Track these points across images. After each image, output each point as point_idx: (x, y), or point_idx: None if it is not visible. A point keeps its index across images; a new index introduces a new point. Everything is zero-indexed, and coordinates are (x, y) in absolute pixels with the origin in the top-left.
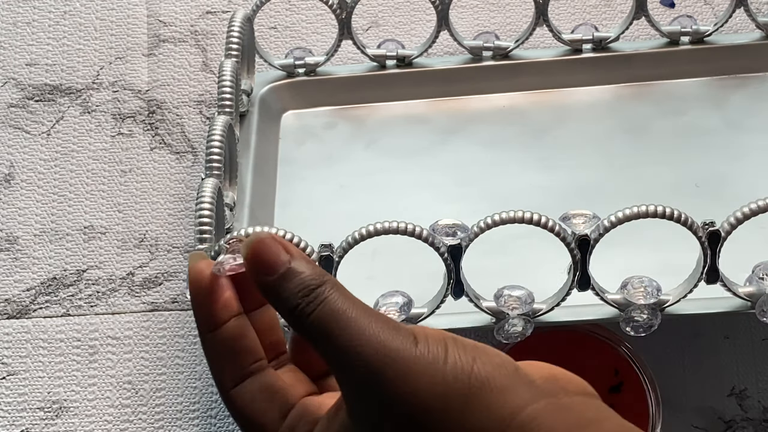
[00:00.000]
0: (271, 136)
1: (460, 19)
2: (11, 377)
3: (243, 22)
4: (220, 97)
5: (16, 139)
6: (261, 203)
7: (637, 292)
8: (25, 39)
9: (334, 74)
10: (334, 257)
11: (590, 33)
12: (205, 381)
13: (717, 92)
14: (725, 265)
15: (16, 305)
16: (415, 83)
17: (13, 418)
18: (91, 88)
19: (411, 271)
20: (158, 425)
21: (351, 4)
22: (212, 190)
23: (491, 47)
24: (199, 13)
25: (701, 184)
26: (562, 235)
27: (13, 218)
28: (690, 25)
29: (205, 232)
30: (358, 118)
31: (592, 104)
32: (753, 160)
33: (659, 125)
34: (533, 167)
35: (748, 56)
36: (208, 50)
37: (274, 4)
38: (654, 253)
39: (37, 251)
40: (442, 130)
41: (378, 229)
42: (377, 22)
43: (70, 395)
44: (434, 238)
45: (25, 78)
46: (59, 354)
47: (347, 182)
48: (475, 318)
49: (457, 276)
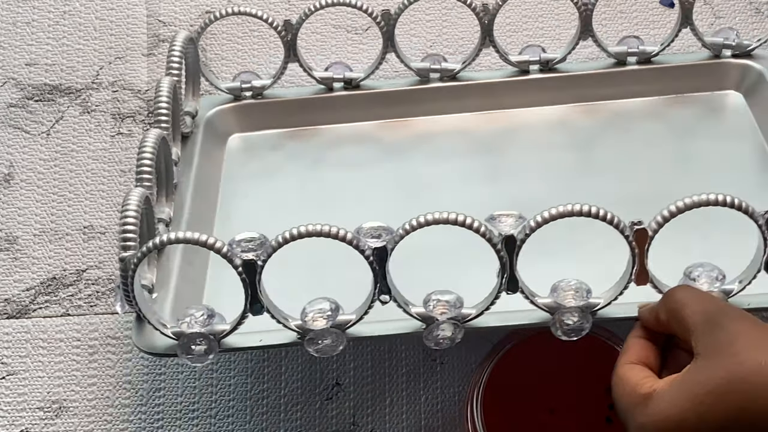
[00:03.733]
0: (215, 157)
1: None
2: (11, 377)
3: (185, 42)
4: (156, 112)
5: (15, 139)
6: (200, 221)
7: (567, 295)
8: (25, 39)
9: (281, 97)
10: (258, 262)
11: (537, 54)
12: (204, 381)
13: (663, 111)
14: (666, 268)
15: (15, 305)
16: (363, 105)
17: (13, 418)
18: (91, 88)
19: (348, 282)
20: (158, 425)
21: (296, 27)
22: (138, 198)
23: (438, 69)
24: (198, 13)
25: (644, 200)
26: (488, 236)
27: (13, 218)
28: (637, 45)
29: (129, 239)
30: (305, 140)
31: (539, 124)
32: (696, 177)
33: (605, 143)
34: (477, 185)
35: (694, 76)
36: (208, 50)
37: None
38: (592, 257)
39: (37, 251)
40: (389, 150)
41: (302, 232)
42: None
43: (70, 395)
44: (359, 240)
45: (25, 78)
46: (59, 354)
47: (290, 200)
48: (404, 325)
49: (383, 280)
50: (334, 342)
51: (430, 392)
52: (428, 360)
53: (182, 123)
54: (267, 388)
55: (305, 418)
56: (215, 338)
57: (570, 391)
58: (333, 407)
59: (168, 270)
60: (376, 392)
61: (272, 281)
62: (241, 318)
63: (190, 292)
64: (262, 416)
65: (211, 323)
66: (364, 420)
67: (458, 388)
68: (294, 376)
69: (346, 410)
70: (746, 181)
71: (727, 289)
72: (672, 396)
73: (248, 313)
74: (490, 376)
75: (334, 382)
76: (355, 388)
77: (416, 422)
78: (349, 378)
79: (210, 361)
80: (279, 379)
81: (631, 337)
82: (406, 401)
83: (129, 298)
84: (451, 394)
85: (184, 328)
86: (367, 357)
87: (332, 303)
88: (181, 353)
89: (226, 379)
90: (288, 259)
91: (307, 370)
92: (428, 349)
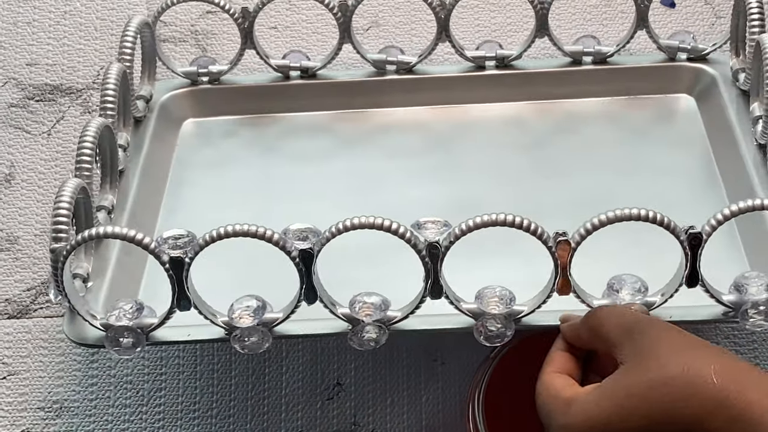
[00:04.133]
0: (167, 142)
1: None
2: (12, 377)
3: (139, 26)
4: (102, 99)
5: (16, 139)
6: (145, 208)
7: (491, 302)
8: (26, 39)
9: (237, 83)
10: (186, 259)
11: (493, 50)
12: (205, 381)
13: (616, 111)
14: (591, 277)
15: (16, 305)
16: (318, 95)
17: (14, 418)
18: (92, 88)
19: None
20: (158, 425)
21: (253, 13)
22: (72, 189)
23: (395, 61)
24: (199, 13)
25: (588, 201)
26: (413, 242)
27: (14, 218)
28: (593, 45)
29: (60, 231)
30: (260, 128)
31: (492, 120)
32: (641, 179)
33: (555, 142)
34: (427, 181)
35: (648, 78)
36: (208, 50)
37: (276, 4)
38: (526, 268)
39: (38, 251)
40: (343, 141)
41: (228, 232)
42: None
43: (71, 395)
44: (285, 242)
45: (26, 78)
46: (60, 354)
47: (240, 189)
48: (331, 324)
49: (310, 281)
50: (260, 340)
51: (431, 392)
52: (429, 360)
53: (134, 108)
54: (268, 388)
55: (306, 418)
56: (143, 332)
57: None
58: (334, 407)
59: (105, 259)
60: (377, 392)
61: (203, 275)
62: (169, 313)
63: (126, 283)
64: (263, 416)
65: (140, 317)
66: (365, 420)
67: (459, 387)
68: (295, 376)
69: (347, 410)
70: (689, 186)
71: (649, 301)
72: (596, 398)
73: (175, 308)
74: (492, 376)
75: (335, 382)
76: (356, 388)
77: (417, 422)
78: (350, 378)
79: (137, 353)
80: (280, 379)
81: (554, 349)
82: (407, 401)
83: (60, 288)
84: (452, 394)
85: (112, 320)
86: (368, 357)
87: (259, 301)
88: (108, 345)
89: (227, 379)
90: (220, 254)
91: (308, 370)
92: (430, 349)
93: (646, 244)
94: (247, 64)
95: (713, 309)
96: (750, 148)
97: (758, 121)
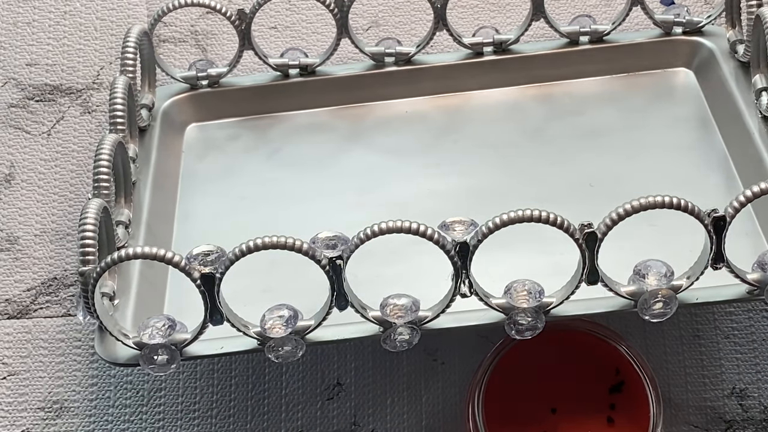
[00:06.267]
0: (173, 149)
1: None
2: (12, 377)
3: (139, 36)
4: (111, 114)
5: (16, 139)
6: (160, 219)
7: (520, 296)
8: (26, 39)
9: (237, 85)
10: (216, 274)
11: (490, 36)
12: (205, 381)
13: (616, 91)
14: (618, 263)
15: (16, 305)
16: (318, 91)
17: (14, 418)
18: (92, 88)
19: (307, 282)
20: (158, 425)
21: (250, 15)
22: (96, 210)
23: (393, 53)
24: (199, 13)
25: (596, 183)
26: (441, 243)
27: (14, 218)
28: (589, 24)
29: (88, 253)
30: (262, 129)
31: (493, 107)
32: (647, 159)
33: (558, 126)
34: (433, 172)
35: (647, 54)
36: (209, 50)
37: (275, 3)
38: (545, 256)
39: (38, 251)
40: (345, 138)
41: (258, 245)
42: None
43: (71, 395)
44: (314, 251)
45: (26, 78)
46: (60, 354)
47: (249, 194)
48: (362, 328)
49: (340, 288)
50: (294, 348)
51: (431, 392)
52: (429, 360)
53: (139, 117)
54: (268, 388)
55: (306, 418)
56: (177, 348)
57: (571, 391)
58: (334, 407)
59: (129, 275)
60: (378, 392)
61: (231, 284)
62: (202, 328)
63: (151, 297)
64: (263, 416)
65: (173, 333)
66: (365, 420)
67: (459, 387)
68: (295, 376)
69: (347, 410)
70: (697, 162)
71: (675, 285)
72: None
73: (208, 323)
74: (491, 376)
75: (335, 382)
76: (356, 388)
77: (417, 422)
78: (350, 378)
79: (173, 370)
80: (280, 379)
81: None
82: (407, 401)
83: (90, 310)
84: (452, 394)
85: (145, 338)
86: (368, 357)
87: (290, 310)
88: (143, 364)
89: (227, 380)
90: (240, 262)
91: (308, 370)
92: (429, 349)
93: (661, 225)
94: (247, 65)
95: (737, 288)
96: (754, 120)
97: (761, 94)
